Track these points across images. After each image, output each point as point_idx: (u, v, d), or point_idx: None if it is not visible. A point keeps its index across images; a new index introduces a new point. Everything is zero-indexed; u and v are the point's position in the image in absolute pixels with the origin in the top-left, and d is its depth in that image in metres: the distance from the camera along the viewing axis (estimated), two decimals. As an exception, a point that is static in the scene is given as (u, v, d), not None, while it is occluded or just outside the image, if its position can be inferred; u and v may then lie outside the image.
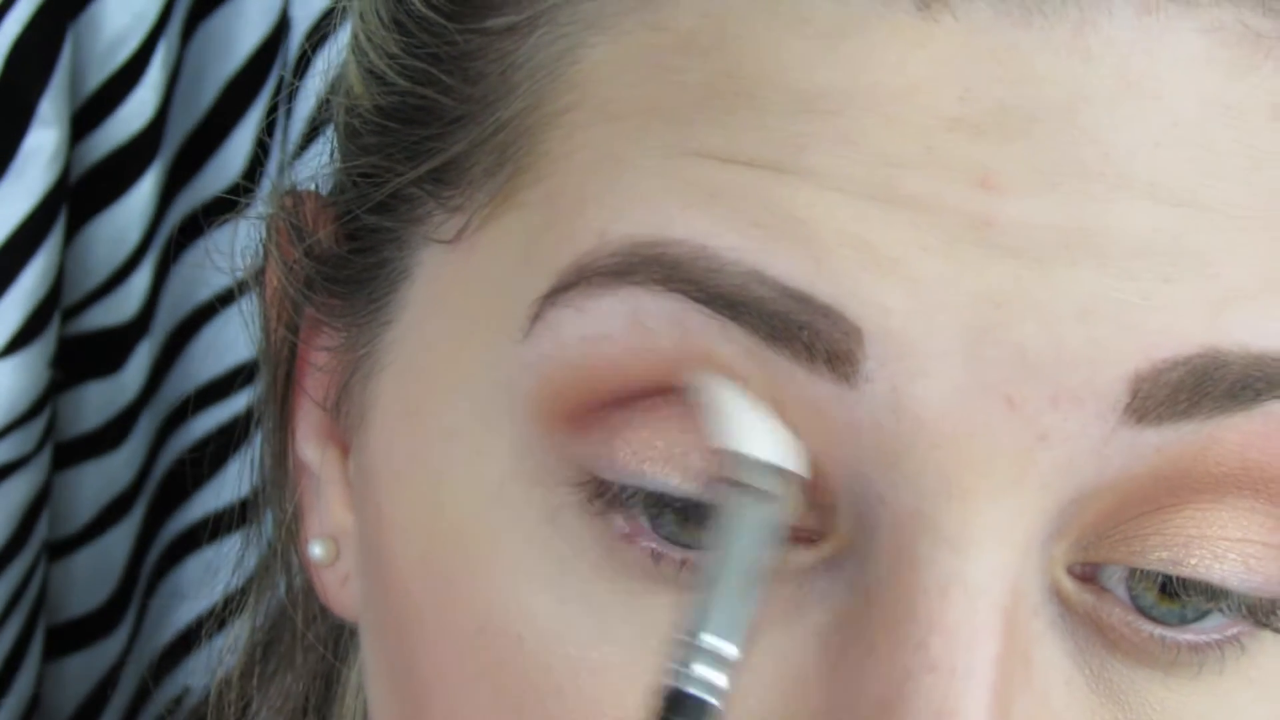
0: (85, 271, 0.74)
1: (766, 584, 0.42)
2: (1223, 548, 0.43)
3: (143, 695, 0.77)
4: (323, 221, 0.52)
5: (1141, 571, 0.43)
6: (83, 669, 0.76)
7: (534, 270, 0.44)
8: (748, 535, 0.42)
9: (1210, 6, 0.42)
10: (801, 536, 0.43)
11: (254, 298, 0.56)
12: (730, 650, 0.40)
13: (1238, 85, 0.42)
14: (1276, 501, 0.43)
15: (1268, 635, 0.44)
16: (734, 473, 0.42)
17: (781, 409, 0.42)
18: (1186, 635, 0.44)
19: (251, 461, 0.60)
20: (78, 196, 0.74)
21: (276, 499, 0.56)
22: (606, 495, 0.44)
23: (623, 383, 0.43)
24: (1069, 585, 0.43)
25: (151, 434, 0.77)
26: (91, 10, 0.72)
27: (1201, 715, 0.44)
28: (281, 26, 0.76)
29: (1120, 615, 0.44)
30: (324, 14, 0.75)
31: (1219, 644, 0.44)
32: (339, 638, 0.58)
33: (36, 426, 0.72)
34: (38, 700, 0.75)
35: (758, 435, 0.42)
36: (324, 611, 0.56)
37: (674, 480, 0.43)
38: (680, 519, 0.43)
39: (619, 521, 0.44)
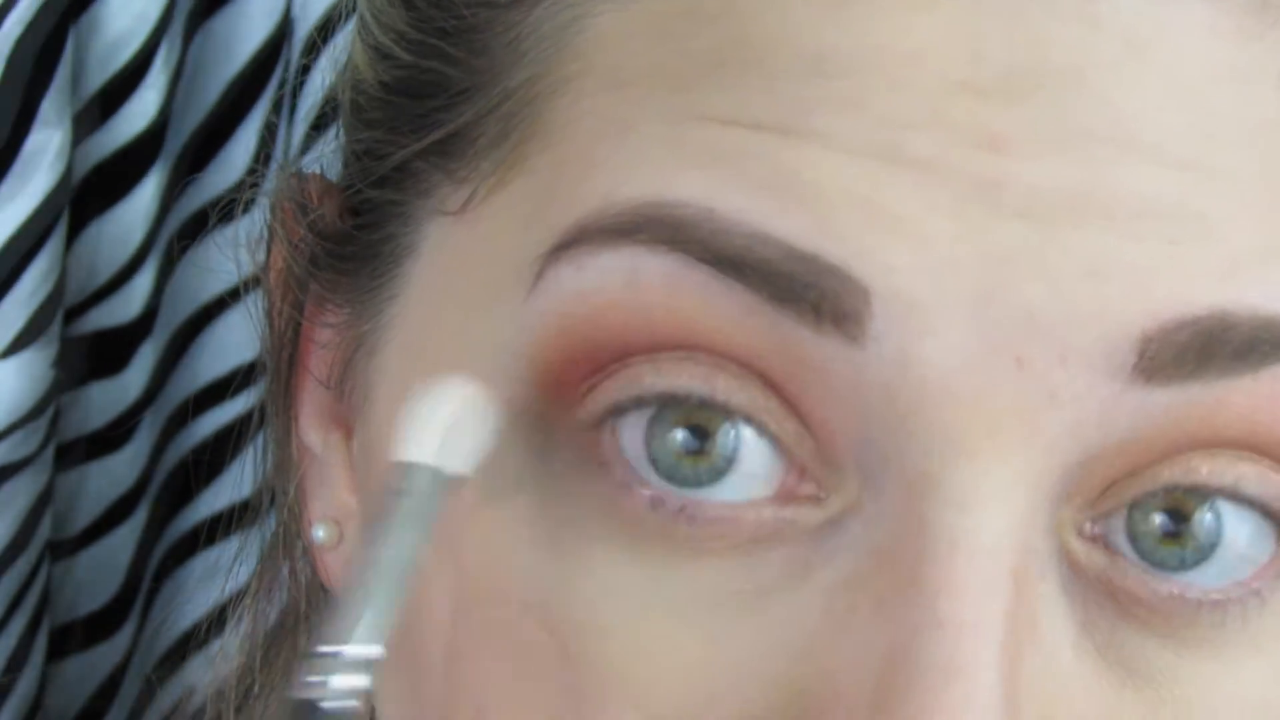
0: (88, 272, 0.74)
1: (411, 573, 0.42)
2: (1236, 458, 0.43)
3: (147, 696, 0.77)
4: (328, 200, 0.52)
5: (1142, 515, 0.43)
6: (86, 669, 0.76)
7: (538, 234, 0.44)
8: (400, 535, 0.42)
9: None
10: (809, 496, 0.43)
11: (259, 280, 0.56)
12: (376, 651, 0.40)
13: (1243, 53, 0.42)
14: None
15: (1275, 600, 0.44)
16: (392, 480, 0.42)
17: (788, 370, 0.42)
18: (1196, 593, 0.43)
19: (255, 457, 0.60)
20: (81, 197, 0.74)
21: (280, 483, 0.56)
22: (603, 421, 0.44)
23: (617, 342, 0.43)
24: (1078, 547, 0.43)
25: (155, 434, 0.77)
26: (93, 11, 0.72)
27: (1212, 683, 0.44)
28: (284, 26, 0.76)
29: (1135, 575, 0.44)
30: (327, 12, 0.75)
31: (1240, 600, 0.44)
32: None
33: (39, 427, 0.72)
34: (40, 701, 0.75)
35: (420, 437, 0.42)
36: (329, 595, 0.56)
37: (668, 381, 0.43)
38: (682, 449, 0.43)
39: (616, 469, 0.44)
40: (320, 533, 0.53)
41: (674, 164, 0.43)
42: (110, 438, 0.75)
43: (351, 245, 0.51)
